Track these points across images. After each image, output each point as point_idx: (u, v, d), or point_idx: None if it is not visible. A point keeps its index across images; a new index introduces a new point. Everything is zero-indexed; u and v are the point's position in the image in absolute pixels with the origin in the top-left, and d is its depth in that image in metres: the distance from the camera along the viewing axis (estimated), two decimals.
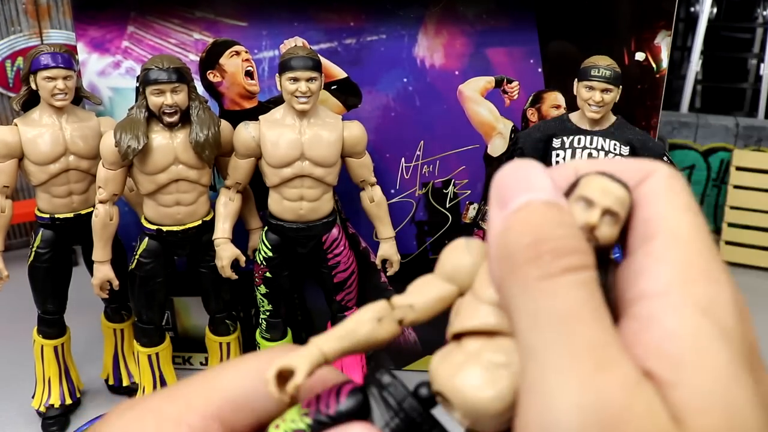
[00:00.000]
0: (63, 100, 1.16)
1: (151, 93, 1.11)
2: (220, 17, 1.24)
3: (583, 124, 1.16)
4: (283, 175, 1.17)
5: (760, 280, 2.00)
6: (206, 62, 1.26)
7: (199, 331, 1.39)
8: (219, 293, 1.28)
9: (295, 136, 1.15)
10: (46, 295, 1.25)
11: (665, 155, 1.16)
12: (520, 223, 0.23)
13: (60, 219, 1.22)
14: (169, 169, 1.15)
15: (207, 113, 1.16)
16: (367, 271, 1.35)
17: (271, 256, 1.22)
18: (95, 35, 1.25)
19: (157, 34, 1.25)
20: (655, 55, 1.21)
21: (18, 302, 1.38)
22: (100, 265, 1.20)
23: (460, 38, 1.23)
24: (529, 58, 1.24)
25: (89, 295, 1.29)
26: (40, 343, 1.28)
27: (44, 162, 1.18)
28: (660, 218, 0.24)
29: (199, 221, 1.21)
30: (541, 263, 0.22)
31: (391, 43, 1.23)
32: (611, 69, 1.12)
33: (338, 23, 1.23)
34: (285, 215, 1.20)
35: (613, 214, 0.24)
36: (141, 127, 1.12)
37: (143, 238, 1.21)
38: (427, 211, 1.34)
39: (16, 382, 1.35)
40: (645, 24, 1.20)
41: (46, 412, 1.27)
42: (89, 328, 1.43)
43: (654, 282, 0.23)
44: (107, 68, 1.27)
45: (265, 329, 1.29)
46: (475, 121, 1.27)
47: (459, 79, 1.25)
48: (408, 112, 1.27)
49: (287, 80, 1.12)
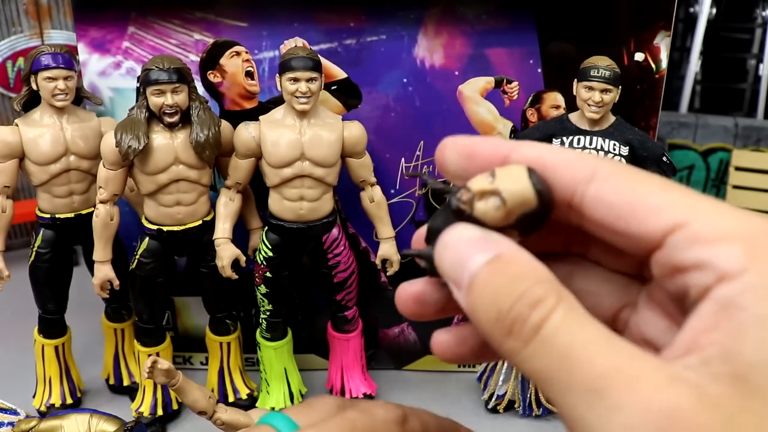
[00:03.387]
0: (64, 100, 1.17)
1: (151, 93, 1.12)
2: (220, 18, 1.24)
3: (583, 125, 1.17)
4: (283, 175, 1.17)
5: None
6: (206, 63, 1.26)
7: (199, 330, 1.40)
8: (219, 293, 1.28)
9: (295, 137, 1.15)
10: (47, 294, 1.26)
11: (665, 155, 1.17)
12: (477, 303, 0.24)
13: (61, 219, 1.23)
14: (170, 169, 1.16)
15: (207, 113, 1.16)
16: (367, 271, 1.35)
17: (271, 255, 1.23)
18: (96, 36, 1.26)
19: (157, 35, 1.25)
20: (654, 56, 1.22)
21: (19, 302, 1.38)
22: (101, 265, 1.20)
23: (459, 39, 1.23)
24: (528, 58, 1.24)
25: (90, 295, 1.29)
26: (40, 343, 1.28)
27: (45, 162, 1.19)
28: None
29: (199, 221, 1.21)
30: (515, 336, 0.23)
31: (391, 44, 1.24)
32: (610, 69, 1.13)
33: (338, 24, 1.23)
34: (285, 215, 1.20)
35: (503, 202, 0.25)
36: (141, 128, 1.12)
37: (144, 238, 1.21)
38: (426, 211, 1.34)
39: (17, 381, 1.36)
40: (644, 24, 1.20)
41: (47, 412, 1.28)
42: (90, 328, 1.43)
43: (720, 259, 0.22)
44: (108, 68, 1.28)
45: (265, 329, 1.29)
46: (474, 121, 1.27)
47: (459, 80, 1.25)
48: (408, 112, 1.27)
49: (287, 80, 1.13)
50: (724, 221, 0.22)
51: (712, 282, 0.21)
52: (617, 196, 0.24)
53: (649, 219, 0.23)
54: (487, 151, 0.28)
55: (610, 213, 0.24)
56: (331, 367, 1.36)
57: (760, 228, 0.22)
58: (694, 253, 0.22)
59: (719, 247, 0.22)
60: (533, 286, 0.23)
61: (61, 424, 1.05)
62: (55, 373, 1.29)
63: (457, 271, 0.25)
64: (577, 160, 0.26)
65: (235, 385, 1.33)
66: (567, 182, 0.26)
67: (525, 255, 0.24)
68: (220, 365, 1.32)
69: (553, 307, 0.23)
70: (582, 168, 0.25)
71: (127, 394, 1.36)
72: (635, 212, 0.24)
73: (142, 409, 1.25)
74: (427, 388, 1.39)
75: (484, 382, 1.33)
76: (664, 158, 1.16)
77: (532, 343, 0.23)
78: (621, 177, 0.25)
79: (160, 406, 1.26)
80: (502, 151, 0.27)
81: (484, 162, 0.27)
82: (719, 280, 0.21)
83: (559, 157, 0.26)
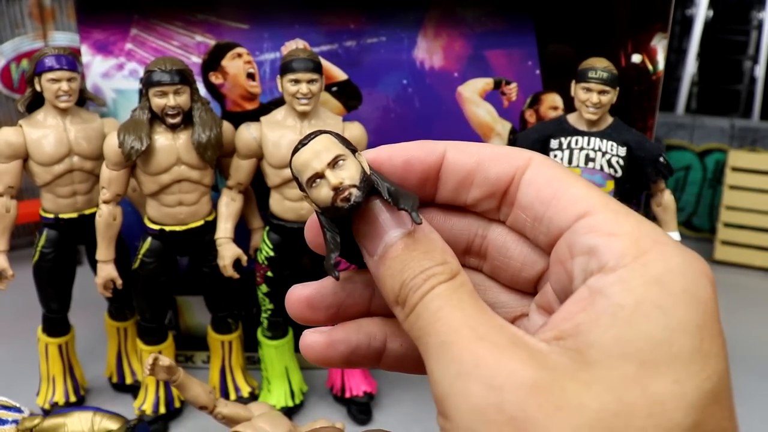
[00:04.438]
0: (67, 101, 1.18)
1: (153, 94, 1.13)
2: (221, 20, 1.25)
3: (581, 126, 1.18)
4: (284, 175, 1.18)
5: (755, 279, 2.02)
6: (208, 64, 1.28)
7: (201, 329, 1.41)
8: (221, 292, 1.29)
9: (295, 137, 1.16)
10: (51, 294, 1.27)
11: (662, 156, 1.18)
12: (386, 272, 0.27)
13: (64, 219, 1.24)
14: (172, 169, 1.17)
15: (209, 114, 1.17)
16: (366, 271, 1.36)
17: (272, 255, 1.24)
18: (99, 38, 1.27)
19: (159, 37, 1.26)
20: (651, 58, 1.23)
21: (23, 301, 1.39)
22: (104, 264, 1.21)
23: (459, 41, 1.24)
24: (527, 60, 1.25)
25: (93, 294, 1.30)
26: (44, 342, 1.29)
27: (48, 163, 1.20)
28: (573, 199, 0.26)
29: (201, 221, 1.22)
30: (407, 305, 0.26)
31: (391, 46, 1.25)
32: (608, 71, 1.14)
33: (339, 26, 1.24)
34: (286, 215, 1.21)
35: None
36: (144, 129, 1.13)
37: (146, 237, 1.22)
38: None
39: (22, 379, 1.36)
40: (641, 27, 1.21)
41: (51, 410, 1.28)
42: (93, 327, 1.44)
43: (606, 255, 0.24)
44: (111, 70, 1.29)
45: (266, 328, 1.30)
46: (473, 122, 1.28)
47: (458, 81, 1.26)
48: (408, 113, 1.28)
49: (288, 82, 1.14)
50: (623, 221, 0.24)
51: (594, 270, 0.24)
52: (545, 183, 0.27)
53: (567, 207, 0.26)
54: (423, 156, 0.30)
55: (538, 197, 0.27)
56: None
57: (649, 233, 0.24)
58: (589, 239, 0.24)
59: (609, 239, 0.24)
60: (434, 266, 0.26)
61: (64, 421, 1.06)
62: (59, 371, 1.30)
63: (373, 239, 0.28)
64: (515, 151, 0.28)
65: (236, 383, 1.34)
66: (506, 169, 0.28)
67: (435, 235, 0.27)
68: (222, 363, 1.33)
69: (442, 281, 0.25)
70: (519, 157, 0.28)
71: (129, 392, 1.37)
72: (557, 199, 0.26)
73: (144, 407, 1.26)
74: (427, 387, 1.39)
75: None
76: (661, 159, 1.18)
77: (414, 309, 0.25)
78: (551, 168, 0.27)
79: (163, 404, 1.27)
80: (437, 153, 0.30)
81: (422, 169, 0.30)
82: (599, 270, 0.23)
83: (498, 150, 0.29)
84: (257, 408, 1.04)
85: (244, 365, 1.37)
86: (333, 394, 1.36)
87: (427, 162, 0.30)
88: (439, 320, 0.24)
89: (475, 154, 0.29)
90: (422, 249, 0.27)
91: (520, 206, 0.28)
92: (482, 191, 0.29)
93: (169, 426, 1.29)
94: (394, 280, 0.26)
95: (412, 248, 0.27)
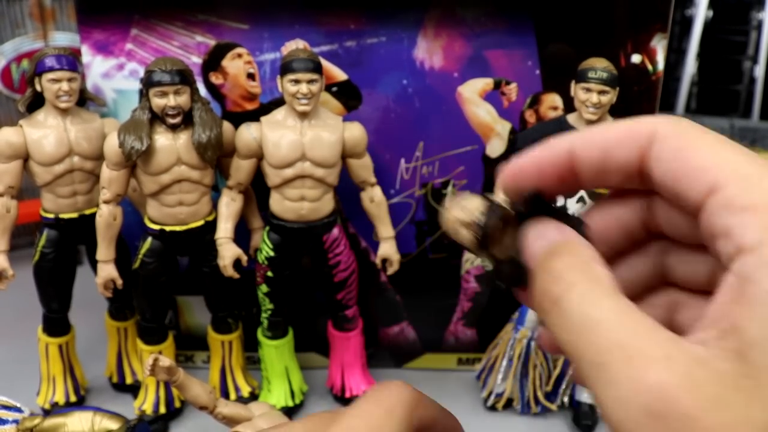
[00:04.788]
0: (68, 101, 1.18)
1: (154, 95, 1.13)
2: (222, 20, 1.25)
3: (581, 126, 1.18)
4: (284, 175, 1.18)
5: None
6: (208, 64, 1.28)
7: (201, 329, 1.41)
8: (221, 292, 1.29)
9: (296, 137, 1.17)
10: (51, 294, 1.27)
11: None
12: (536, 281, 0.26)
13: (64, 219, 1.24)
14: (172, 169, 1.17)
15: (209, 115, 1.17)
16: (367, 271, 1.36)
17: (272, 255, 1.24)
18: (99, 38, 1.27)
19: (160, 37, 1.27)
20: (651, 58, 1.23)
21: (23, 301, 1.39)
22: (104, 264, 1.22)
23: (458, 41, 1.24)
24: (527, 60, 1.25)
25: (93, 294, 1.30)
26: (44, 342, 1.29)
27: (49, 163, 1.20)
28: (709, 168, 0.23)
29: (201, 221, 1.23)
30: (544, 308, 0.26)
31: (391, 46, 1.25)
32: (608, 71, 1.14)
33: (339, 26, 1.24)
34: (286, 215, 1.21)
35: None
36: (144, 129, 1.13)
37: (146, 238, 1.22)
38: (426, 212, 1.35)
39: (22, 379, 1.37)
40: (641, 27, 1.22)
41: (51, 410, 1.29)
42: (93, 327, 1.44)
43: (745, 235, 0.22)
44: (111, 70, 1.29)
45: (266, 328, 1.30)
46: (473, 122, 1.28)
47: (458, 81, 1.26)
48: (408, 113, 1.28)
49: (288, 82, 1.14)
50: (756, 186, 0.22)
51: (732, 252, 0.21)
52: (672, 158, 0.24)
53: (694, 184, 0.23)
54: (551, 158, 0.30)
55: (668, 176, 0.25)
56: (332, 365, 1.37)
57: None
58: (723, 219, 0.22)
59: (742, 216, 0.21)
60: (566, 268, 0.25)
61: (64, 421, 1.06)
62: (59, 371, 1.30)
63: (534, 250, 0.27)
64: (637, 125, 0.26)
65: (236, 383, 1.34)
66: (631, 153, 0.26)
67: (583, 243, 0.26)
68: (222, 363, 1.33)
69: (574, 282, 0.24)
70: (643, 133, 0.26)
71: (130, 392, 1.37)
72: (685, 175, 0.24)
73: (145, 406, 1.27)
74: (427, 385, 1.40)
75: (483, 380, 1.35)
76: None
77: (551, 313, 0.24)
78: (676, 137, 0.25)
79: (163, 404, 1.27)
80: (563, 152, 0.29)
81: (552, 172, 0.29)
82: (738, 252, 0.21)
83: (620, 129, 0.27)
84: (257, 408, 1.04)
85: (245, 365, 1.37)
86: (333, 394, 1.37)
87: (557, 164, 0.29)
88: (585, 336, 0.23)
89: (599, 142, 0.27)
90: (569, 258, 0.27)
91: (658, 187, 0.26)
92: (619, 178, 0.27)
93: (169, 426, 1.29)
94: (540, 292, 0.28)
95: (559, 257, 0.27)
